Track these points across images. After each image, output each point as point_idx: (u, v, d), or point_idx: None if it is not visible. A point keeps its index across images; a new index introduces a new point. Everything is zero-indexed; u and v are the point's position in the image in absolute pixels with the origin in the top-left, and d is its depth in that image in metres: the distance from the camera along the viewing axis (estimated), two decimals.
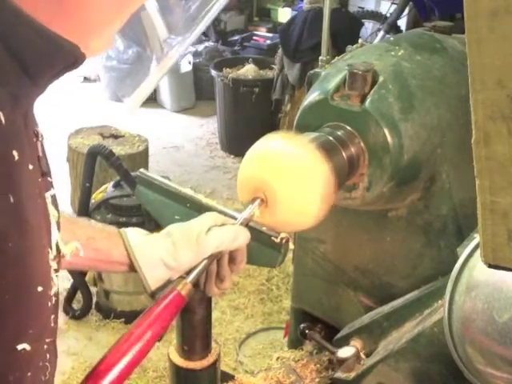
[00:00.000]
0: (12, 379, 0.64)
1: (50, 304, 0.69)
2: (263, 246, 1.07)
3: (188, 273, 1.00)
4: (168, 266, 1.00)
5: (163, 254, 1.00)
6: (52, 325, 0.72)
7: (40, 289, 0.65)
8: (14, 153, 0.60)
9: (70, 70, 0.68)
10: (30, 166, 0.65)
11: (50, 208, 0.72)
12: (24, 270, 0.62)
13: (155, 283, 1.01)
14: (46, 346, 0.70)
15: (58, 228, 0.74)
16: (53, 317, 0.71)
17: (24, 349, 0.64)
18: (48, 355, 0.71)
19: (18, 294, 0.61)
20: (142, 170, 1.26)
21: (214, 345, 1.24)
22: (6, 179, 0.59)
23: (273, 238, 1.07)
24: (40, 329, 0.68)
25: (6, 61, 0.61)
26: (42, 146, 0.72)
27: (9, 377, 0.64)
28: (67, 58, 0.66)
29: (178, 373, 1.22)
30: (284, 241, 1.06)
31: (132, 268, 1.02)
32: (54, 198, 0.73)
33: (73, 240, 0.90)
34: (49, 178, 0.73)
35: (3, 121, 0.59)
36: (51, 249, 0.70)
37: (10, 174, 0.60)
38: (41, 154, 0.71)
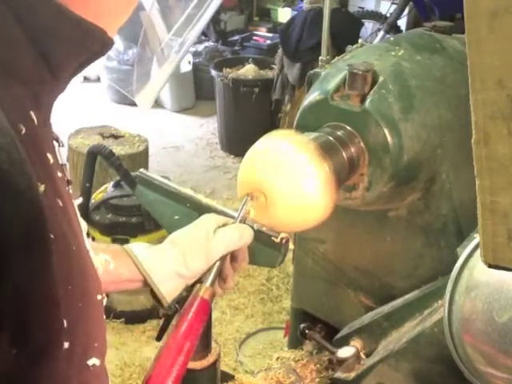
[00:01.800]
0: None
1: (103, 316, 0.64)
2: (263, 246, 1.07)
3: (202, 277, 1.00)
4: (182, 276, 0.99)
5: (175, 266, 0.98)
6: None
7: (99, 297, 0.61)
8: (49, 156, 0.55)
9: (97, 58, 0.60)
10: (59, 174, 0.59)
11: (80, 218, 0.67)
12: (86, 275, 0.58)
13: (171, 295, 1.00)
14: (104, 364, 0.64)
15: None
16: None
17: (94, 364, 0.58)
18: (106, 375, 0.65)
19: (86, 302, 0.57)
20: (141, 170, 1.26)
21: (214, 345, 1.24)
22: (51, 183, 0.54)
23: (273, 237, 1.07)
24: (102, 341, 0.62)
25: (27, 52, 0.54)
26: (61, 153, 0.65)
27: None
28: (95, 43, 0.58)
29: None
30: (284, 241, 1.06)
31: (145, 283, 1.00)
32: (77, 208, 0.68)
33: None
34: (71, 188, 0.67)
35: (36, 121, 0.53)
36: None
37: (52, 178, 0.55)
38: (62, 161, 0.63)
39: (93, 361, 0.58)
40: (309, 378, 1.53)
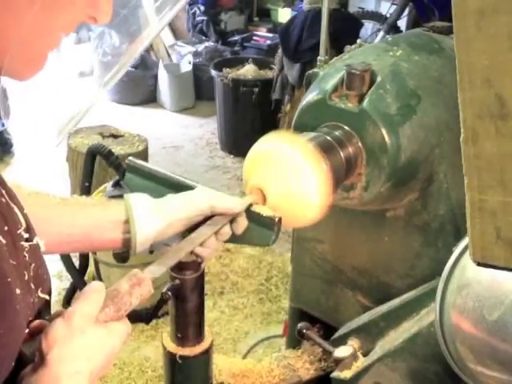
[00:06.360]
0: None
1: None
2: (256, 226, 1.07)
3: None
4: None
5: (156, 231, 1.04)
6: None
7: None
8: None
9: None
10: None
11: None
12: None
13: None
14: None
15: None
16: None
17: None
18: None
19: None
20: (130, 157, 1.27)
21: (207, 332, 1.25)
22: None
23: (268, 216, 1.06)
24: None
25: None
26: None
27: None
28: None
29: (172, 359, 1.23)
30: (277, 220, 1.06)
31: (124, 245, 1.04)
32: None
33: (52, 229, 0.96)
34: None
35: None
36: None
37: None
38: None
39: None
40: (303, 369, 1.54)
